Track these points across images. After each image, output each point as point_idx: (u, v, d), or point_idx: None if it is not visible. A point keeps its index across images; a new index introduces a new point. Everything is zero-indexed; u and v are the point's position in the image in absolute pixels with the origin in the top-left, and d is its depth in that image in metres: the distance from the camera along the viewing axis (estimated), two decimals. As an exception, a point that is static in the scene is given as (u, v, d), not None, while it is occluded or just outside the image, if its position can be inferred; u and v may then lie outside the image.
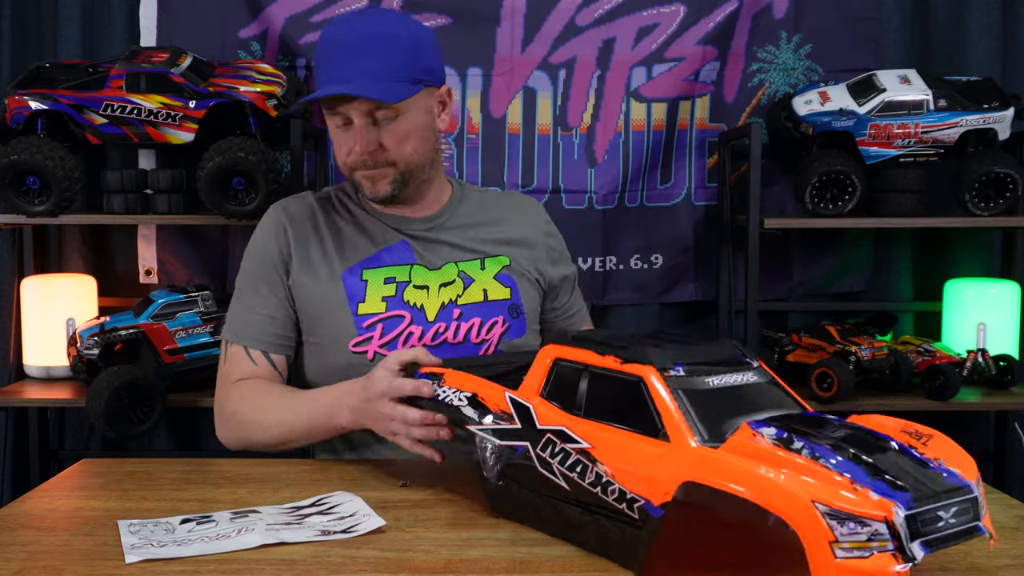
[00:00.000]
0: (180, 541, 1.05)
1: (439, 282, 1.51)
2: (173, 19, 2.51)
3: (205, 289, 2.28)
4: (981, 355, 2.36)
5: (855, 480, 0.79)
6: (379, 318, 1.48)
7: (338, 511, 1.16)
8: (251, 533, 1.06)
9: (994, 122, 2.29)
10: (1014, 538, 1.07)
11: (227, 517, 1.13)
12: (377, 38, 1.41)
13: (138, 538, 1.06)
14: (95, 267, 2.58)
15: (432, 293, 1.50)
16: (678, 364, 0.95)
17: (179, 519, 1.13)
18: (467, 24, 2.50)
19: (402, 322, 1.48)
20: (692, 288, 2.62)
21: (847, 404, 2.27)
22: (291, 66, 2.51)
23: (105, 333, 2.21)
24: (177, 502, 1.21)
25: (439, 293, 1.51)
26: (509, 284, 1.55)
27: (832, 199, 2.31)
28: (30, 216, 2.21)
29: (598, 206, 2.54)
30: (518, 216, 1.64)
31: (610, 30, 2.52)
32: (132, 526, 1.10)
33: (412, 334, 1.48)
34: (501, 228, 1.60)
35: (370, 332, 1.47)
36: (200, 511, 1.16)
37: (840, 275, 2.65)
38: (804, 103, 2.36)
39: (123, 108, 2.19)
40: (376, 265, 1.51)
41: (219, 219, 2.23)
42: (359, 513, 1.14)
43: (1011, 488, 2.56)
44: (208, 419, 2.62)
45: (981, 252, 2.62)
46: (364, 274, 1.50)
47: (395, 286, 1.49)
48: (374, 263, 1.51)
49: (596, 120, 2.54)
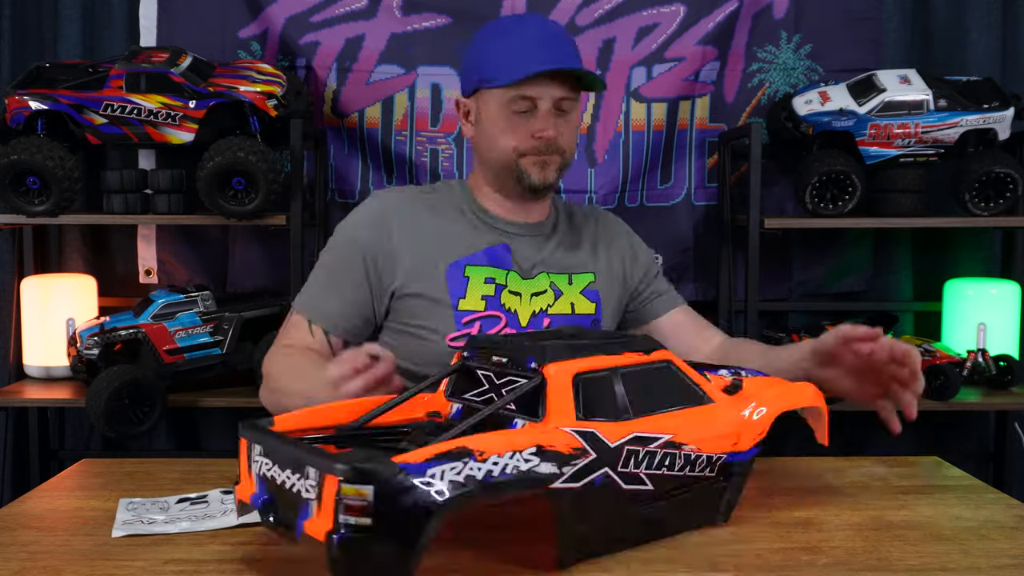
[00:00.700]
0: (170, 519, 1.11)
1: (531, 290, 1.55)
2: (173, 19, 2.51)
3: (205, 289, 2.28)
4: (981, 355, 2.36)
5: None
6: (478, 316, 1.50)
7: None
8: (234, 513, 1.10)
9: (994, 122, 2.29)
10: (1014, 538, 1.07)
11: (219, 497, 1.19)
12: (564, 35, 1.54)
13: (131, 515, 1.12)
14: (95, 267, 2.58)
15: (525, 300, 1.53)
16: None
17: (176, 498, 1.19)
18: (467, 24, 2.50)
19: (498, 323, 1.51)
20: (692, 288, 2.62)
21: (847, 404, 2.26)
22: (291, 66, 2.51)
23: (105, 333, 2.21)
24: (177, 502, 1.21)
25: (531, 301, 1.54)
26: (595, 300, 1.59)
27: (832, 199, 2.31)
28: (30, 216, 2.21)
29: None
30: (604, 232, 1.68)
31: (610, 30, 2.52)
32: (131, 504, 1.17)
33: None
34: (589, 244, 1.65)
35: (468, 328, 1.50)
36: (200, 511, 1.17)
37: (840, 275, 2.65)
38: (804, 103, 2.36)
39: (123, 108, 2.19)
40: (479, 263, 1.53)
41: (219, 219, 2.23)
42: None
43: (1011, 488, 2.55)
44: (208, 419, 2.64)
45: (981, 252, 2.62)
46: (467, 270, 1.52)
47: (494, 287, 1.52)
48: (477, 261, 1.53)
49: (596, 120, 2.54)
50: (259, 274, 2.56)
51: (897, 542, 1.05)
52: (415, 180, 2.52)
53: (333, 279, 1.53)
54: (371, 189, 2.54)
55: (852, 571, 0.97)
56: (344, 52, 2.50)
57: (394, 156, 2.53)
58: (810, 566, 0.98)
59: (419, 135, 2.52)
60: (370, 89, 2.51)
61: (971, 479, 1.32)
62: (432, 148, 2.52)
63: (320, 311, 1.52)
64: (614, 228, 1.71)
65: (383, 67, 2.51)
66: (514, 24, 1.60)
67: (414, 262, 1.51)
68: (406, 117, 2.52)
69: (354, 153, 2.55)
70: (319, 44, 2.49)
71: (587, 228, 1.66)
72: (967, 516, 1.14)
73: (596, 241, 1.65)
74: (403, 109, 2.52)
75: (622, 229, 1.72)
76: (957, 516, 1.15)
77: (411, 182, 2.53)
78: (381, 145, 2.52)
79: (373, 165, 2.55)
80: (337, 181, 2.56)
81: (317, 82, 2.50)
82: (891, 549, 1.03)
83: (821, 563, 0.98)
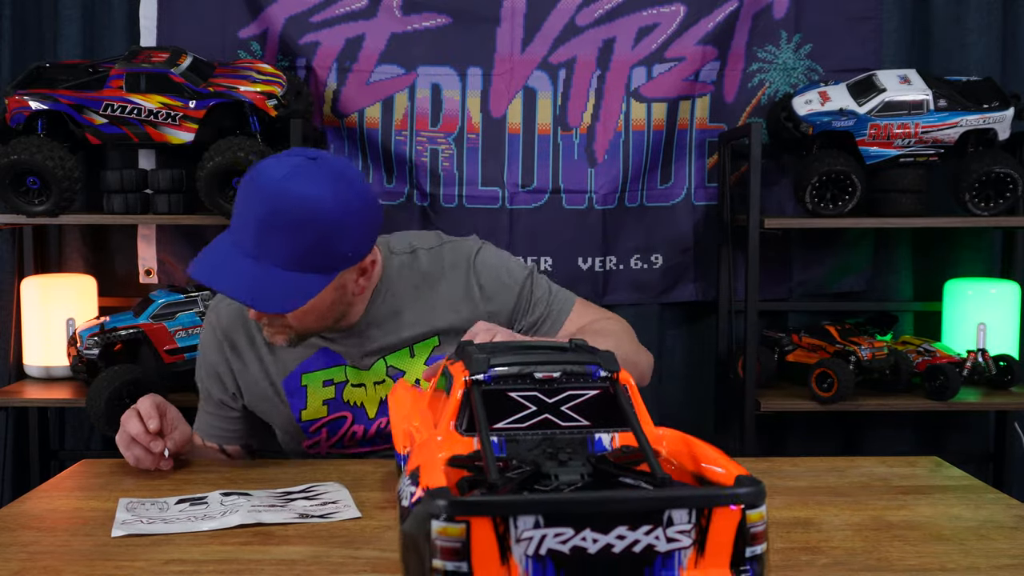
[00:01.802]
0: (168, 519, 1.11)
1: (372, 379, 1.48)
2: (173, 19, 2.51)
3: (205, 289, 2.28)
4: (981, 355, 2.36)
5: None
6: (323, 422, 1.49)
7: (322, 498, 1.20)
8: (234, 514, 1.11)
9: (994, 122, 2.29)
10: (1014, 538, 1.07)
11: (218, 499, 1.19)
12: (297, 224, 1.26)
13: (131, 515, 1.12)
14: (95, 267, 2.58)
15: (369, 390, 1.48)
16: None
17: (175, 499, 1.19)
18: (467, 24, 2.50)
19: (345, 423, 1.50)
20: (692, 288, 2.62)
21: (847, 404, 2.28)
22: (291, 66, 2.51)
23: (105, 333, 2.21)
24: (177, 502, 1.21)
25: (375, 389, 1.49)
26: None
27: (832, 199, 2.31)
28: (30, 216, 2.21)
29: (598, 206, 2.54)
30: (445, 284, 1.49)
31: (610, 30, 2.52)
32: (130, 504, 1.17)
33: (356, 433, 1.50)
34: (429, 306, 1.47)
35: (317, 436, 1.50)
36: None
37: (840, 275, 2.65)
38: (804, 103, 2.36)
39: (123, 108, 2.19)
40: (313, 368, 1.48)
41: (219, 219, 2.23)
42: (341, 503, 1.18)
43: (1011, 488, 2.55)
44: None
45: (981, 252, 2.62)
46: (303, 379, 1.48)
47: (334, 388, 1.49)
48: (311, 366, 1.48)
49: (596, 120, 2.54)
50: (259, 274, 2.56)
51: (897, 542, 1.05)
52: (415, 180, 2.52)
53: (207, 399, 1.56)
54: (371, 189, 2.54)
55: (852, 571, 0.97)
56: (344, 52, 2.50)
57: (394, 156, 2.52)
58: (810, 566, 0.98)
59: (419, 135, 2.52)
60: (370, 89, 2.51)
61: (971, 479, 1.32)
62: (432, 148, 2.52)
63: (203, 430, 1.56)
64: (457, 269, 1.49)
65: (383, 67, 2.51)
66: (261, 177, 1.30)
67: (252, 385, 1.50)
68: (406, 117, 2.52)
69: (354, 153, 2.55)
70: (319, 44, 2.49)
71: (427, 285, 1.48)
72: (967, 516, 1.14)
73: (436, 298, 1.47)
74: (403, 109, 2.52)
75: (466, 267, 1.49)
76: (957, 516, 1.15)
77: (411, 182, 2.53)
78: (381, 145, 2.52)
79: (373, 165, 2.55)
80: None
81: (317, 82, 2.50)
82: (891, 549, 1.03)
83: (821, 563, 0.98)
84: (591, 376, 0.87)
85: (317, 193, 1.27)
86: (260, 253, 1.27)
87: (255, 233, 1.27)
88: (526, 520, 0.64)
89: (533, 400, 0.87)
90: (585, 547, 0.65)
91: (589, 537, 0.65)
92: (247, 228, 1.29)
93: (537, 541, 0.65)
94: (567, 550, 0.65)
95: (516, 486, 0.75)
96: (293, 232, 1.26)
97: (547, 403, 0.87)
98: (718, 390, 2.63)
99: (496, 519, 0.64)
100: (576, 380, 0.87)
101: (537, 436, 0.85)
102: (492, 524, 0.64)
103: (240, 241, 1.30)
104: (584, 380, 0.87)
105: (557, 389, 0.87)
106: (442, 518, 0.64)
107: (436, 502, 0.64)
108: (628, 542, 0.65)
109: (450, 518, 0.64)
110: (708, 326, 2.65)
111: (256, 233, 1.27)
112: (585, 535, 0.65)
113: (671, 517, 0.66)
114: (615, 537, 0.65)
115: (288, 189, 1.26)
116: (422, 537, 0.65)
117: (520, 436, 0.86)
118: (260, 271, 1.27)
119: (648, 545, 0.65)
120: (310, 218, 1.26)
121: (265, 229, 1.26)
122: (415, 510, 0.68)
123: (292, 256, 1.27)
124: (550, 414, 0.87)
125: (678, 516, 0.66)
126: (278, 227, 1.26)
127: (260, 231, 1.27)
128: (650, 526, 0.66)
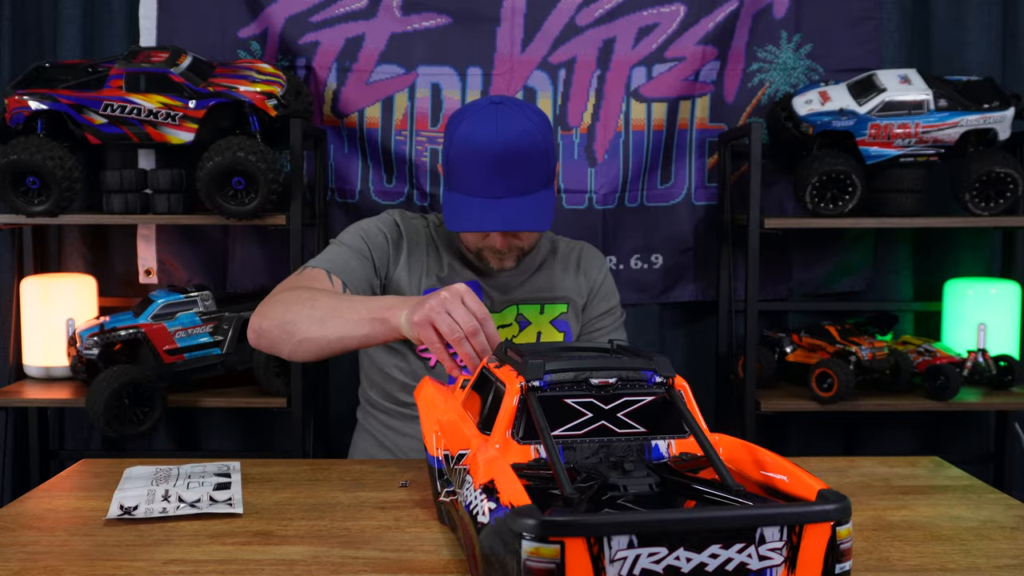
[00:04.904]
0: (169, 504, 1.17)
1: (499, 322, 1.62)
2: (173, 19, 2.51)
3: (205, 289, 2.28)
4: (981, 355, 2.36)
5: None
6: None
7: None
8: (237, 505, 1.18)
9: (994, 122, 2.29)
10: (1014, 538, 1.07)
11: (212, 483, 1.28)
12: (519, 162, 1.51)
13: (132, 493, 1.21)
14: (95, 267, 2.58)
15: None
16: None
17: (175, 498, 1.21)
18: (467, 24, 2.50)
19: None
20: (692, 288, 2.62)
21: (847, 404, 2.28)
22: (291, 66, 2.51)
23: (105, 333, 2.21)
24: (177, 502, 1.21)
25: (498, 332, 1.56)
26: (563, 330, 1.63)
27: (832, 199, 2.31)
28: (30, 216, 2.21)
29: (598, 206, 2.54)
30: (583, 269, 1.77)
31: (610, 30, 2.52)
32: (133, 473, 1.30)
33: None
34: (569, 275, 1.74)
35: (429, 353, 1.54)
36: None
37: (840, 275, 2.65)
38: (804, 103, 2.36)
39: (123, 108, 2.19)
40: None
41: (219, 219, 2.23)
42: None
43: (1011, 488, 2.56)
44: (208, 419, 2.64)
45: (981, 252, 2.62)
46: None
47: None
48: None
49: (596, 120, 2.54)
50: (259, 274, 2.56)
51: (897, 542, 1.05)
52: (415, 180, 2.52)
53: (353, 250, 1.65)
54: (371, 189, 2.54)
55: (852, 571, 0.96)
56: (344, 52, 2.50)
57: (394, 156, 2.52)
58: (810, 566, 0.97)
59: (419, 135, 2.52)
60: (370, 89, 2.51)
61: (971, 479, 1.32)
62: (432, 148, 2.52)
63: (340, 266, 1.61)
64: (592, 262, 1.79)
65: (383, 67, 2.51)
66: (479, 138, 1.52)
67: (401, 280, 1.66)
68: (406, 117, 2.52)
69: (354, 153, 2.55)
70: (319, 44, 2.49)
71: (570, 259, 1.76)
72: (967, 516, 1.14)
73: (576, 272, 1.75)
74: (403, 109, 2.52)
75: (600, 265, 1.80)
76: (957, 516, 1.15)
77: (411, 182, 2.53)
78: (381, 145, 2.52)
79: (373, 165, 2.55)
80: (337, 181, 2.56)
81: (317, 82, 2.50)
82: (891, 549, 1.03)
83: (821, 563, 0.98)
84: (647, 382, 0.87)
85: (529, 126, 1.52)
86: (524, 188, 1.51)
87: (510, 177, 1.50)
88: (620, 540, 0.64)
89: (589, 406, 0.86)
90: (679, 566, 0.65)
91: (683, 556, 0.65)
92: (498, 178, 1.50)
93: (631, 561, 0.64)
94: (661, 569, 0.65)
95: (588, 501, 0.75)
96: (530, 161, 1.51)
97: (603, 409, 0.87)
98: (718, 390, 2.63)
99: (590, 539, 0.64)
100: (632, 386, 0.87)
101: (594, 443, 0.85)
102: (586, 544, 0.64)
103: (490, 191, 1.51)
104: (640, 386, 0.87)
105: (613, 395, 0.86)
106: (533, 538, 0.63)
107: (526, 521, 0.63)
108: (721, 560, 0.65)
109: (542, 538, 0.63)
110: (708, 326, 2.65)
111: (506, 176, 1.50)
112: (679, 554, 0.65)
113: (763, 535, 0.66)
114: (708, 556, 0.65)
115: (510, 129, 1.50)
116: (510, 556, 0.64)
117: (577, 443, 0.85)
118: (540, 199, 1.52)
119: (741, 563, 0.65)
120: (534, 142, 1.51)
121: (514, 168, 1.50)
122: (494, 526, 0.68)
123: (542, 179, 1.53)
124: (606, 420, 0.86)
125: (770, 533, 0.66)
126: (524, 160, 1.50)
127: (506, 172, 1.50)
128: (743, 544, 0.65)
